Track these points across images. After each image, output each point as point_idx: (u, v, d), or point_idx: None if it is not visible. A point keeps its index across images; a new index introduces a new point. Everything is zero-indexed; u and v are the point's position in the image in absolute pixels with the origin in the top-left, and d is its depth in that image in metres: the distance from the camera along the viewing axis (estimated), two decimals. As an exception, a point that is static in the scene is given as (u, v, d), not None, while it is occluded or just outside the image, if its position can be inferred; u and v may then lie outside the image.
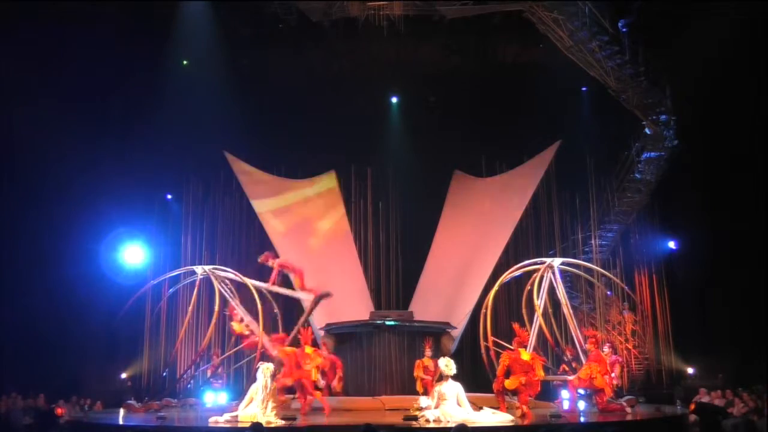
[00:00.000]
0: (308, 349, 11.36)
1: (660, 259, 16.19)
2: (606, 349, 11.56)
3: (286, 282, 13.42)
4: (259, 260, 13.03)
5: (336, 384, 12.14)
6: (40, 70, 14.62)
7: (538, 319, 12.09)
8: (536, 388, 10.15)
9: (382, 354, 13.38)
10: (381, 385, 13.13)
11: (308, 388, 10.76)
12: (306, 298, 13.01)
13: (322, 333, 14.63)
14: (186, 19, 15.87)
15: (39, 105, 14.22)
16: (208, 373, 13.31)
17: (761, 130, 14.22)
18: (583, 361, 11.26)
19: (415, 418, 9.10)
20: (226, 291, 12.82)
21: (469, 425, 8.59)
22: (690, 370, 16.28)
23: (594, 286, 14.94)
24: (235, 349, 13.28)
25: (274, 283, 12.86)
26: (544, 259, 12.83)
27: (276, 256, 13.27)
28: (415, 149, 17.81)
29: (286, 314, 14.10)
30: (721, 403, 12.14)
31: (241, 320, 12.52)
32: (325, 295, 12.83)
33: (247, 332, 12.46)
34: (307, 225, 17.19)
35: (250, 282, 12.86)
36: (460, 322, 14.91)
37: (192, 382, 13.90)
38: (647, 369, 15.61)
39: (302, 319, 12.93)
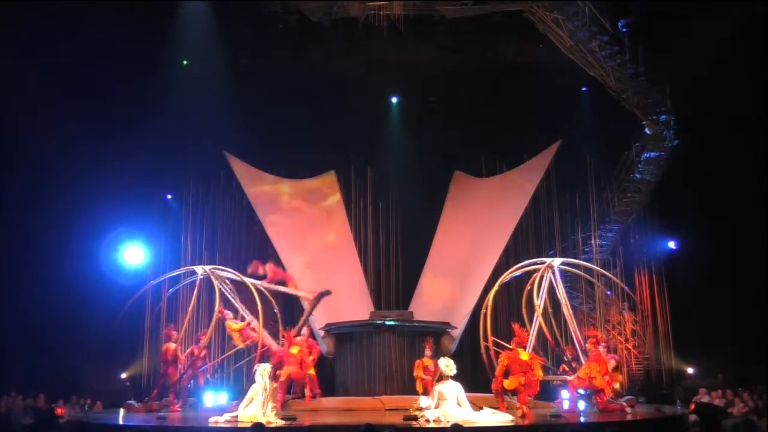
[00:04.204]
0: (294, 349, 11.45)
1: (660, 259, 16.18)
2: (600, 348, 11.54)
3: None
4: (249, 270, 13.03)
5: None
6: (40, 70, 14.63)
7: (538, 319, 12.09)
8: (535, 388, 10.16)
9: (382, 354, 13.38)
10: (381, 385, 13.12)
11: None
12: (305, 296, 13.11)
13: (322, 333, 14.65)
14: (186, 19, 15.87)
15: (39, 105, 14.22)
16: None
17: (761, 130, 14.23)
18: (583, 361, 11.27)
19: (415, 418, 9.12)
20: (227, 290, 12.86)
21: (469, 425, 8.63)
22: (690, 370, 16.29)
23: (594, 286, 14.93)
24: (235, 349, 13.27)
25: (270, 282, 13.00)
26: (544, 259, 12.83)
27: (264, 264, 13.26)
28: (415, 149, 17.81)
29: (286, 313, 14.13)
30: (721, 403, 12.17)
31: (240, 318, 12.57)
32: (324, 294, 12.88)
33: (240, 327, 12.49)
34: (307, 225, 17.18)
35: (250, 282, 12.88)
36: (460, 322, 14.91)
37: (192, 382, 13.87)
38: (647, 369, 15.60)
39: (303, 319, 12.95)
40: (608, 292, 15.69)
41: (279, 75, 17.30)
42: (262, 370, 9.54)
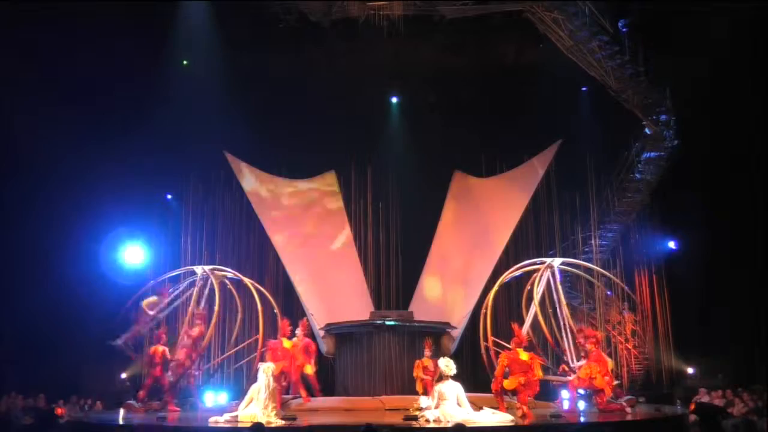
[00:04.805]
0: (287, 343, 11.39)
1: (660, 259, 16.17)
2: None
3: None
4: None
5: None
6: (41, 70, 14.63)
7: (534, 309, 12.08)
8: (535, 388, 10.16)
9: (382, 354, 13.39)
10: (381, 385, 13.13)
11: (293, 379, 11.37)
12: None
13: (322, 333, 14.65)
14: (186, 19, 15.87)
15: (39, 105, 14.21)
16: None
17: (761, 130, 14.23)
18: (577, 362, 11.29)
19: (415, 418, 9.12)
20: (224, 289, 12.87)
21: (469, 425, 8.62)
22: (690, 370, 16.28)
23: (594, 286, 14.94)
24: (234, 349, 13.28)
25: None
26: (544, 259, 12.85)
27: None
28: (415, 149, 17.80)
29: (286, 314, 14.11)
30: (721, 403, 12.16)
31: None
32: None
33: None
34: (307, 225, 17.18)
35: (250, 281, 12.86)
36: (460, 322, 14.91)
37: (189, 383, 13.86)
38: (647, 369, 15.61)
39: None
40: (608, 292, 15.68)
41: (279, 75, 17.29)
42: (266, 368, 9.54)
